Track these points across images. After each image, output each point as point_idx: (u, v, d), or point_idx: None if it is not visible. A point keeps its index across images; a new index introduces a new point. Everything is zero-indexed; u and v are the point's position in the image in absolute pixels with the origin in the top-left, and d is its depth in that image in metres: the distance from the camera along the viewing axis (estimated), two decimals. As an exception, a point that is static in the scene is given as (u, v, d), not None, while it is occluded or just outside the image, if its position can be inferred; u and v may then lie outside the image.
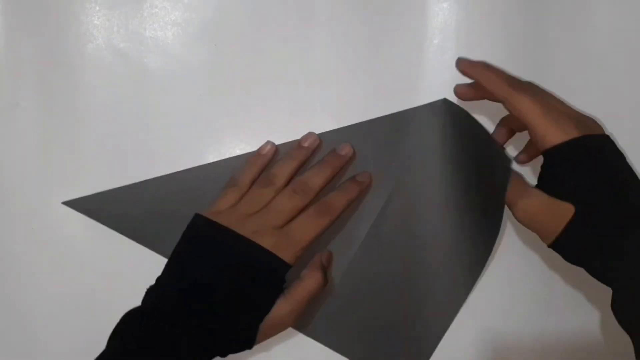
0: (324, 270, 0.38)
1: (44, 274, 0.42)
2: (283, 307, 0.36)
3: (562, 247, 0.35)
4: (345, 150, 0.41)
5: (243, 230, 0.36)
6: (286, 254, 0.36)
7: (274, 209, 0.38)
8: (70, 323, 0.44)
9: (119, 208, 0.42)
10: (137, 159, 0.42)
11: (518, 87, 0.35)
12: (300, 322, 0.41)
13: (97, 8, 0.43)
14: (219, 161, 0.43)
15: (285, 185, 0.39)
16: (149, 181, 0.42)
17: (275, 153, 0.42)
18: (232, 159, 0.43)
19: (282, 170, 0.40)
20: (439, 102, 0.41)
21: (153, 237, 0.42)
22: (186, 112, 0.42)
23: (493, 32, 0.43)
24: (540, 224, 0.35)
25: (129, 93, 0.43)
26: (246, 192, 0.39)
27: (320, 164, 0.40)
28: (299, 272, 0.38)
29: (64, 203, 0.42)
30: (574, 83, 0.43)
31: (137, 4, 0.43)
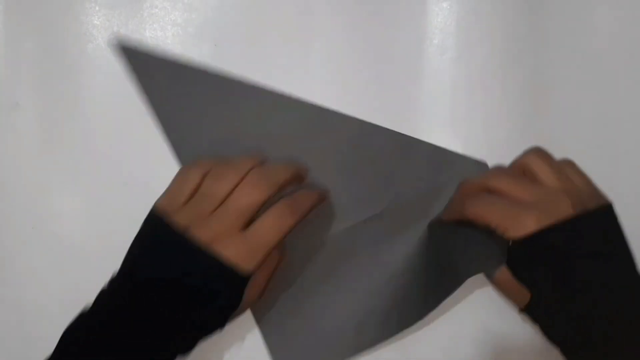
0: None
1: (44, 274, 0.42)
2: (249, 296, 0.35)
3: (529, 317, 0.36)
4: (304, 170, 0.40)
5: (199, 233, 0.33)
6: (248, 265, 0.34)
7: (233, 207, 0.34)
8: (70, 323, 0.44)
9: (171, 81, 0.40)
10: (137, 159, 0.42)
11: (467, 201, 0.37)
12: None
13: (97, 8, 0.43)
14: (312, 105, 0.41)
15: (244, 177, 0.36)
16: (224, 79, 0.41)
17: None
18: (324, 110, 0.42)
19: (240, 160, 0.37)
20: (482, 164, 0.42)
21: (180, 132, 0.40)
22: (186, 112, 0.42)
23: (493, 32, 0.43)
24: (507, 296, 0.37)
25: (129, 93, 0.43)
26: (201, 183, 0.36)
27: (285, 161, 0.38)
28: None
29: (117, 42, 0.40)
30: (574, 83, 0.43)
31: (137, 4, 0.43)
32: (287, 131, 0.42)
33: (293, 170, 0.37)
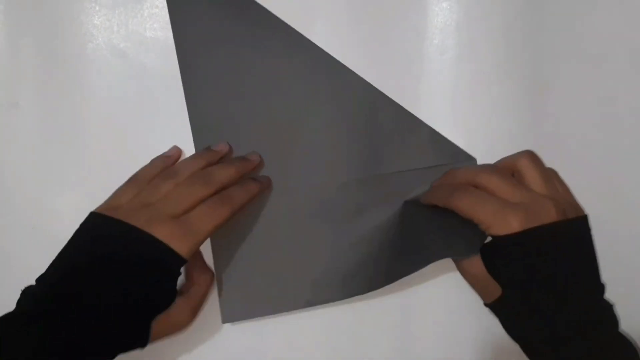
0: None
1: (44, 274, 0.42)
2: (183, 308, 0.36)
3: (493, 312, 0.37)
4: (253, 157, 0.41)
5: (136, 220, 0.34)
6: (182, 246, 0.34)
7: (172, 197, 0.36)
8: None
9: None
10: (137, 159, 0.42)
11: (455, 192, 0.37)
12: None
13: (97, 8, 0.43)
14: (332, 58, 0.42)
15: None
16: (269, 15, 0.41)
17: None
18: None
19: (185, 165, 0.38)
20: (472, 158, 0.43)
21: (193, 65, 0.41)
22: (186, 111, 0.42)
23: (493, 32, 0.43)
24: (476, 287, 0.38)
25: (129, 93, 0.43)
26: (145, 187, 0.37)
27: (225, 161, 0.40)
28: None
29: None
30: (574, 83, 0.43)
31: (137, 4, 0.43)
32: (300, 73, 0.42)
33: (233, 172, 0.38)
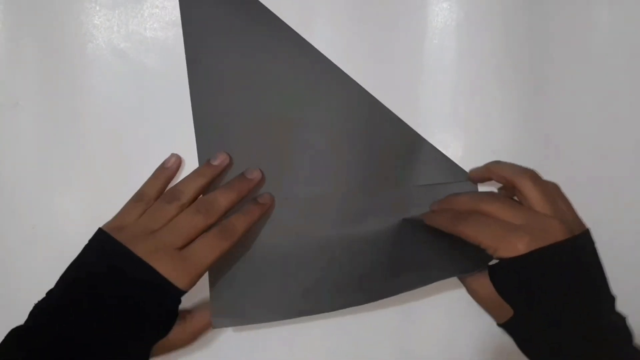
0: None
1: (44, 274, 0.42)
2: (181, 335, 0.38)
3: (507, 331, 0.37)
4: (254, 175, 0.41)
5: (141, 248, 0.36)
6: (182, 280, 0.36)
7: (175, 227, 0.37)
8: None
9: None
10: (137, 158, 0.42)
11: (459, 219, 0.38)
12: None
13: (97, 8, 0.43)
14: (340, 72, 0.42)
15: (191, 202, 0.39)
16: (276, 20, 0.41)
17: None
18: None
19: (188, 186, 0.39)
20: (473, 187, 0.43)
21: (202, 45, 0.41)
22: (186, 112, 0.42)
23: (493, 32, 0.43)
24: (487, 309, 0.38)
25: (129, 93, 0.43)
26: (150, 207, 0.39)
27: (227, 186, 0.40)
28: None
29: None
30: (574, 83, 0.43)
31: (137, 4, 0.43)
32: (306, 81, 0.42)
33: (235, 197, 0.39)
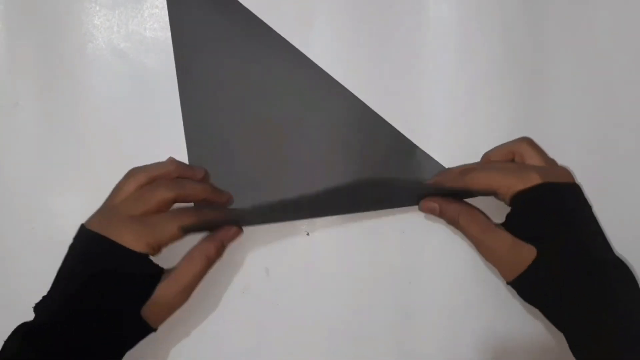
0: (216, 249, 0.39)
1: (44, 274, 0.42)
2: (166, 290, 0.37)
3: (521, 286, 0.36)
4: (225, 195, 0.42)
5: (95, 222, 0.37)
6: (137, 243, 0.36)
7: (132, 198, 0.38)
8: (70, 323, 0.44)
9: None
10: (137, 158, 0.42)
11: (468, 172, 0.38)
12: None
13: (97, 8, 0.43)
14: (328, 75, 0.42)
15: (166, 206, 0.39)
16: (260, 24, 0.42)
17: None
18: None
19: (156, 165, 0.40)
20: None
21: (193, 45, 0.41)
22: (186, 112, 0.42)
23: (493, 32, 0.43)
24: (503, 262, 0.36)
25: (129, 93, 0.43)
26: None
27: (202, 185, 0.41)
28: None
29: None
30: (574, 83, 0.43)
31: (137, 4, 0.43)
32: (293, 87, 0.42)
33: (199, 188, 0.40)
